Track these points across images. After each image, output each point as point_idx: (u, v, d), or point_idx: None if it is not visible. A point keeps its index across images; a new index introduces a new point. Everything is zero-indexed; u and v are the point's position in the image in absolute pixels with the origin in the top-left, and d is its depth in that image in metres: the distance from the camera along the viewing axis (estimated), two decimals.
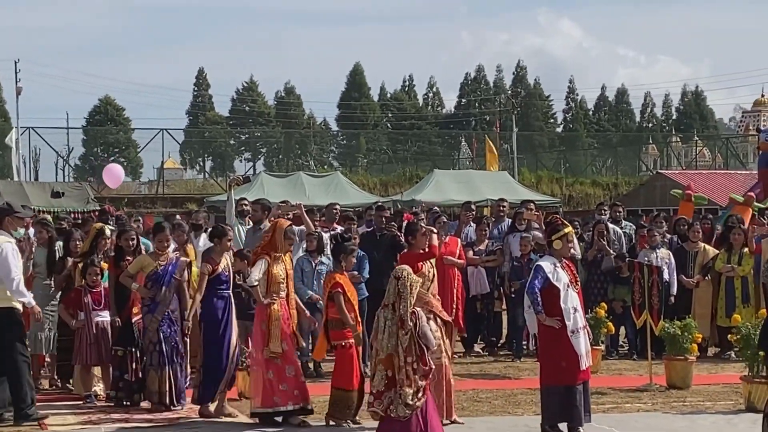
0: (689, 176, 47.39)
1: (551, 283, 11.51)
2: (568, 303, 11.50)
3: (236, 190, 27.12)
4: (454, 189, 40.35)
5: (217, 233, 13.46)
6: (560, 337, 11.43)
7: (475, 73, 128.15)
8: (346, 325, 12.47)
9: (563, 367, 11.42)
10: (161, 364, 13.13)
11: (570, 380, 11.43)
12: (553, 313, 11.47)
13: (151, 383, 13.20)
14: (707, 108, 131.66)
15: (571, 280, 11.65)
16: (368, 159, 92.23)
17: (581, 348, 11.47)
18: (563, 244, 11.74)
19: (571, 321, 11.46)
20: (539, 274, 11.58)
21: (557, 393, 11.50)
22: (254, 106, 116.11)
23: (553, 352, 11.51)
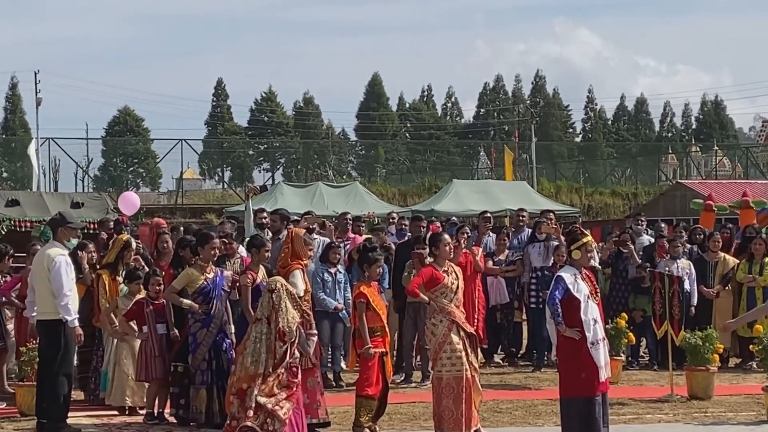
0: (709, 186, 47.24)
1: (572, 294, 11.43)
2: (588, 314, 11.42)
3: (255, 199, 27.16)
4: (472, 199, 40.26)
5: (256, 244, 13.37)
6: (580, 349, 11.36)
7: (493, 82, 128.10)
8: (371, 334, 12.45)
9: (583, 378, 11.34)
10: (212, 382, 12.80)
11: (589, 392, 11.35)
12: (573, 324, 11.40)
13: (200, 402, 12.84)
14: (727, 117, 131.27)
15: (591, 292, 11.58)
16: (387, 169, 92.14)
17: (601, 360, 11.39)
18: (582, 254, 11.65)
19: (591, 332, 11.38)
20: (560, 284, 11.49)
21: (576, 404, 11.43)
22: (273, 116, 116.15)
23: (573, 363, 11.44)
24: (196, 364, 12.89)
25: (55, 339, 12.66)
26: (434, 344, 12.27)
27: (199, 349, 12.90)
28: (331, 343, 16.40)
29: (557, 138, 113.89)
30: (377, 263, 12.99)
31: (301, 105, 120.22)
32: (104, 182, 69.35)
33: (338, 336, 16.44)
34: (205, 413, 12.81)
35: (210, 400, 12.82)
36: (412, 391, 15.88)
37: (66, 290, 12.56)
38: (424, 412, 13.83)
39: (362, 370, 12.59)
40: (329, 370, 16.25)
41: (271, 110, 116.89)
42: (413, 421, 13.47)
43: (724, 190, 46.54)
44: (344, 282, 16.52)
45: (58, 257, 12.66)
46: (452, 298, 12.35)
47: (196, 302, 12.92)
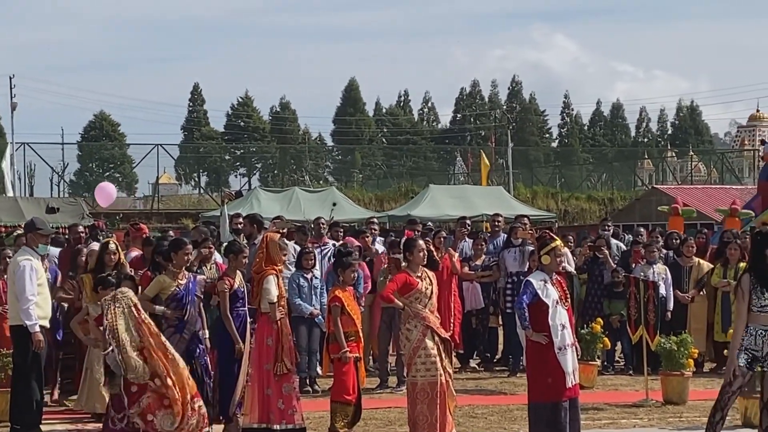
0: (684, 191, 47.42)
1: (540, 299, 11.42)
2: (557, 320, 11.41)
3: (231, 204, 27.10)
4: (449, 204, 40.29)
5: (234, 250, 13.34)
6: (547, 354, 11.36)
7: (470, 88, 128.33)
8: (345, 339, 12.45)
9: (549, 383, 11.34)
10: None
11: (556, 397, 11.34)
12: (540, 329, 11.39)
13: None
14: (702, 123, 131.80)
15: (560, 297, 11.56)
16: (363, 174, 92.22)
17: (568, 365, 11.40)
18: (552, 258, 11.63)
19: (558, 338, 11.37)
20: (528, 289, 11.48)
21: (543, 410, 11.42)
22: (249, 121, 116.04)
23: (540, 368, 11.44)
24: None
25: (24, 344, 12.64)
26: (409, 349, 12.27)
27: None
28: (308, 348, 16.40)
29: (533, 143, 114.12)
30: (352, 268, 13.00)
31: (278, 110, 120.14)
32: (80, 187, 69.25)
33: (315, 341, 16.44)
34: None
35: None
36: (387, 397, 15.88)
37: (28, 295, 12.55)
38: (399, 417, 13.82)
39: (337, 375, 12.58)
40: (306, 376, 16.23)
41: (247, 115, 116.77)
42: (388, 427, 13.47)
43: (699, 195, 46.75)
44: (320, 287, 16.52)
45: (23, 262, 12.68)
46: (426, 304, 12.34)
47: (170, 308, 12.87)
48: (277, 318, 12.47)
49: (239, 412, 12.77)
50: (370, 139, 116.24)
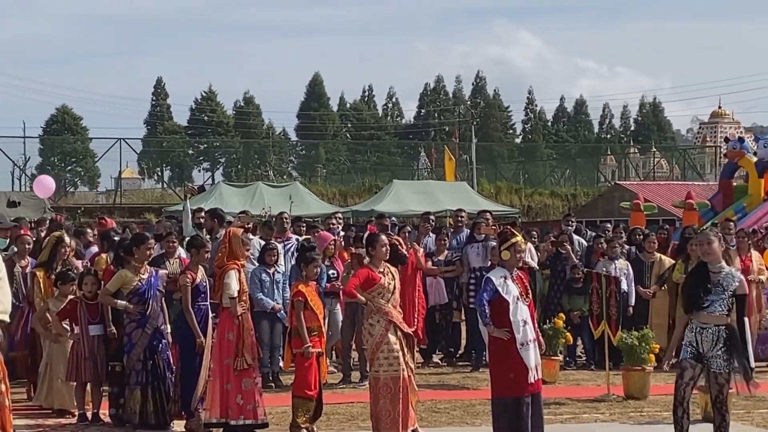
0: (647, 187, 47.60)
1: (500, 295, 11.43)
2: (518, 316, 11.42)
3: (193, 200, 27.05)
4: (413, 199, 40.28)
5: (196, 244, 13.29)
6: (509, 350, 11.38)
7: (434, 83, 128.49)
8: (309, 334, 12.43)
9: (512, 378, 11.36)
10: (146, 382, 12.73)
11: (518, 392, 11.36)
12: (502, 325, 11.39)
13: (134, 403, 12.74)
14: (665, 119, 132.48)
15: (521, 293, 11.57)
16: (327, 169, 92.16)
17: (531, 361, 11.42)
18: (512, 254, 11.62)
19: (520, 334, 11.38)
20: (488, 286, 11.49)
21: (505, 404, 11.44)
22: (213, 115, 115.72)
23: (502, 364, 11.47)
24: (131, 365, 12.82)
25: None
26: (371, 344, 12.28)
27: (134, 349, 12.83)
28: (271, 343, 16.38)
29: (497, 139, 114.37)
30: (314, 263, 12.97)
31: (242, 105, 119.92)
32: None
33: (277, 336, 16.42)
34: (139, 414, 12.73)
35: (144, 401, 12.74)
36: (350, 392, 15.87)
37: None
38: (362, 412, 13.82)
39: (299, 370, 12.56)
40: (268, 371, 16.21)
41: (211, 110, 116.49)
42: (351, 422, 13.47)
43: (661, 191, 46.94)
44: (282, 282, 16.51)
45: None
46: (389, 299, 12.35)
47: (131, 303, 12.83)
48: (238, 313, 12.44)
49: (201, 407, 12.73)
50: (334, 134, 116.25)
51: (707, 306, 10.89)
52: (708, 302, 10.90)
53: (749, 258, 18.68)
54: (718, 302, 10.88)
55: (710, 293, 10.90)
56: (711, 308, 10.90)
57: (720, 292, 10.88)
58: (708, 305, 10.90)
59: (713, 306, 10.89)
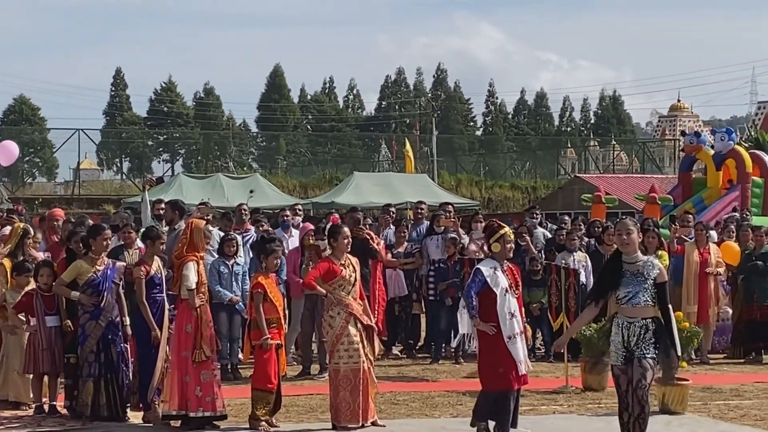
0: (606, 180, 47.84)
1: (489, 287, 11.36)
2: (505, 308, 11.34)
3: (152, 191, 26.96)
4: (373, 191, 40.35)
5: (151, 236, 13.23)
6: (496, 343, 11.31)
7: (395, 75, 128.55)
8: (267, 325, 12.40)
9: (500, 372, 11.30)
10: (100, 374, 12.65)
11: (506, 386, 11.33)
12: (489, 317, 11.32)
13: (86, 395, 12.66)
14: (625, 112, 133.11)
15: (510, 285, 11.49)
16: (288, 161, 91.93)
17: (518, 354, 11.36)
18: (501, 246, 11.57)
19: (506, 326, 11.31)
20: (477, 277, 11.41)
21: (492, 398, 11.41)
22: (173, 106, 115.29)
23: (490, 357, 11.39)
24: (84, 356, 12.75)
25: None
26: (332, 336, 12.30)
27: (87, 341, 12.75)
28: (230, 335, 16.34)
29: (458, 131, 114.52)
30: (274, 254, 12.93)
31: (202, 96, 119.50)
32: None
33: (236, 328, 16.38)
34: (91, 406, 12.66)
35: (97, 393, 12.67)
36: (309, 384, 15.86)
37: None
38: (321, 404, 13.81)
39: (258, 362, 12.53)
40: (227, 363, 16.17)
41: (171, 100, 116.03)
42: (310, 414, 13.46)
43: (621, 184, 47.18)
44: (242, 274, 16.47)
45: None
46: (350, 291, 12.38)
47: (86, 294, 12.76)
48: (196, 305, 12.39)
49: (158, 399, 12.69)
50: (294, 126, 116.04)
51: (632, 298, 10.25)
52: (631, 294, 10.24)
53: (707, 251, 18.79)
54: (642, 293, 10.22)
55: (631, 284, 10.23)
56: (636, 300, 10.24)
57: (642, 281, 10.23)
58: (632, 297, 10.25)
59: (638, 297, 10.24)
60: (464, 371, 17.14)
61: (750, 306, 18.75)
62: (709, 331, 18.78)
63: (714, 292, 18.77)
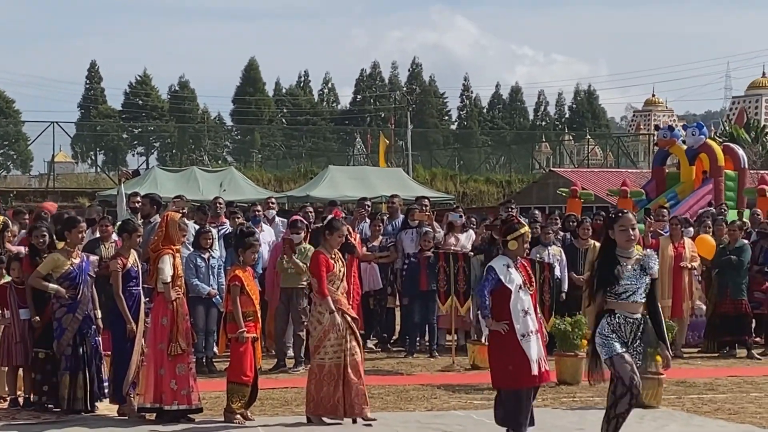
0: (581, 174, 47.92)
1: (503, 284, 11.08)
2: (518, 306, 11.07)
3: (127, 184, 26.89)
4: (348, 185, 40.34)
5: (128, 229, 13.20)
6: (508, 341, 11.01)
7: (370, 69, 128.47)
8: (243, 319, 12.39)
9: (510, 371, 10.98)
10: (76, 368, 12.63)
11: (516, 384, 11.01)
12: (502, 315, 11.02)
13: (63, 388, 12.63)
14: (599, 107, 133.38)
15: (524, 282, 11.24)
16: (263, 154, 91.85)
17: (533, 352, 11.02)
18: (519, 244, 11.28)
19: (519, 324, 11.02)
20: (490, 275, 11.10)
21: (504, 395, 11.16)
22: (147, 100, 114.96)
23: (500, 355, 11.09)
24: (61, 350, 12.71)
25: None
26: (319, 332, 12.24)
27: (64, 334, 12.71)
28: (205, 328, 16.32)
29: (433, 125, 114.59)
30: (253, 248, 12.92)
31: (177, 89, 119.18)
32: None
33: (212, 321, 16.37)
34: (68, 399, 12.65)
35: (74, 386, 12.65)
36: (283, 377, 15.85)
37: None
38: (296, 397, 13.83)
39: (234, 355, 12.53)
40: (202, 356, 16.14)
41: (145, 94, 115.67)
42: (285, 407, 13.46)
43: (595, 178, 47.28)
44: (217, 267, 16.44)
45: None
46: (339, 286, 12.41)
47: (62, 287, 12.73)
48: (172, 298, 12.37)
49: (133, 393, 12.68)
50: (269, 120, 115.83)
51: (632, 294, 9.77)
52: (632, 289, 9.77)
53: (682, 245, 18.86)
54: (642, 288, 9.79)
55: (631, 279, 9.75)
56: (635, 296, 9.79)
57: (643, 275, 9.79)
58: (633, 293, 9.78)
59: (638, 293, 9.80)
60: (439, 365, 17.18)
61: (723, 300, 18.82)
62: (683, 325, 18.87)
63: (688, 287, 18.86)
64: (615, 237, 9.90)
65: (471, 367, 16.74)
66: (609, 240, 10.00)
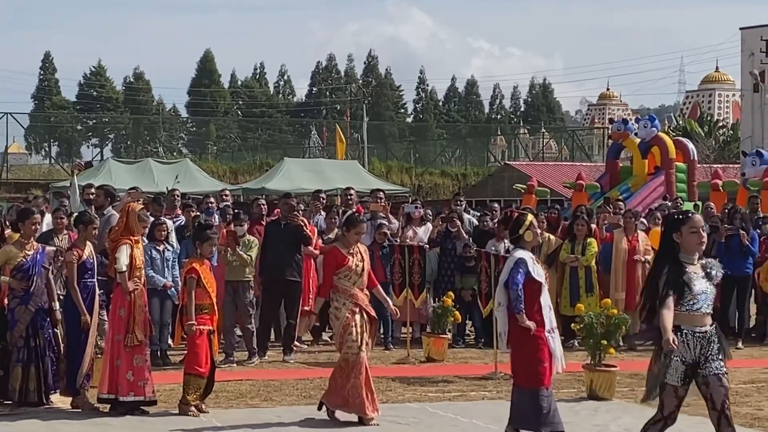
0: (536, 168, 48.14)
1: (532, 277, 10.75)
2: (546, 300, 10.88)
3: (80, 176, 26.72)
4: (304, 177, 40.35)
5: (84, 220, 13.12)
6: (535, 337, 10.65)
7: (326, 61, 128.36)
8: (199, 311, 12.36)
9: (539, 369, 10.64)
10: (29, 360, 12.51)
11: (538, 383, 10.66)
12: (531, 310, 10.67)
13: (14, 380, 12.50)
14: (554, 100, 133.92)
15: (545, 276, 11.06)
16: (218, 146, 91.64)
17: (557, 349, 10.80)
18: (533, 234, 10.99)
19: (548, 319, 10.81)
20: (521, 268, 10.69)
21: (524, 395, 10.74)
22: (102, 91, 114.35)
23: (528, 352, 10.67)
24: (14, 342, 12.61)
25: None
26: (338, 327, 11.97)
27: (16, 326, 12.61)
28: (160, 320, 16.25)
29: (389, 118, 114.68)
30: (210, 241, 12.90)
31: (132, 80, 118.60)
32: None
33: (167, 314, 16.29)
34: (19, 391, 12.54)
35: (26, 379, 12.54)
36: (239, 369, 15.82)
37: None
38: (250, 389, 13.83)
39: (190, 347, 12.50)
40: (157, 348, 16.07)
41: (100, 85, 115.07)
42: (239, 399, 13.43)
43: (550, 171, 47.51)
44: (172, 260, 16.37)
45: None
46: (356, 281, 12.08)
47: (15, 279, 12.63)
48: (129, 289, 12.33)
49: (87, 385, 12.63)
50: (225, 112, 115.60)
51: (701, 305, 8.71)
52: (701, 299, 8.70)
53: (636, 238, 18.94)
54: (710, 297, 8.75)
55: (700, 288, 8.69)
56: (705, 307, 8.73)
57: (709, 284, 8.78)
58: (702, 303, 8.71)
59: (706, 304, 8.74)
60: (394, 357, 17.19)
61: None
62: (637, 318, 18.94)
63: (642, 280, 18.93)
64: (681, 240, 8.73)
65: (426, 360, 16.77)
66: (670, 244, 8.84)
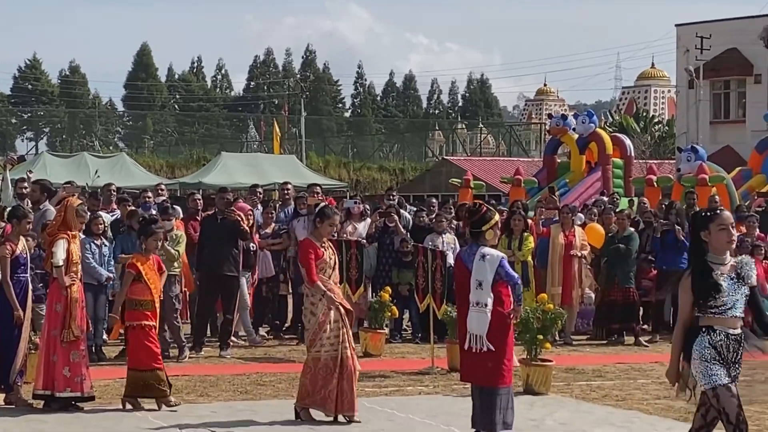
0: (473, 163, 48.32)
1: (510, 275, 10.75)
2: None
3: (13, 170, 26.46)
4: (241, 172, 40.25)
5: (17, 215, 12.98)
6: (510, 335, 10.73)
7: (264, 56, 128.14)
8: (140, 307, 12.27)
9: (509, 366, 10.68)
10: None
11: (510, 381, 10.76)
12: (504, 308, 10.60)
13: None
14: (492, 96, 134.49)
15: None
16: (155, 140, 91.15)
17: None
18: (495, 233, 10.93)
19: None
20: (506, 263, 10.64)
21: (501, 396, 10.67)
22: (37, 84, 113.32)
23: (506, 350, 10.63)
24: None
25: None
26: (314, 324, 11.77)
27: None
28: (95, 316, 16.11)
29: (327, 113, 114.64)
30: (155, 236, 12.81)
31: (67, 74, 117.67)
32: None
33: (101, 309, 16.16)
34: None
35: None
36: (173, 365, 15.70)
37: None
38: (186, 385, 13.79)
39: (133, 342, 12.43)
40: (91, 344, 15.93)
41: (35, 78, 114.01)
42: (176, 395, 13.29)
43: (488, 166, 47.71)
44: (108, 255, 16.24)
45: None
46: (330, 274, 11.97)
47: None
48: (66, 284, 12.23)
49: (20, 381, 12.50)
50: (161, 105, 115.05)
51: (731, 308, 8.23)
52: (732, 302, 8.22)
53: (572, 233, 19.04)
54: (741, 299, 8.29)
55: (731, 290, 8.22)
56: (734, 310, 8.25)
57: (742, 284, 8.27)
58: (732, 306, 8.23)
59: (737, 306, 8.27)
60: None
61: (612, 288, 19.02)
62: (573, 313, 19.06)
63: (578, 275, 19.05)
64: (710, 239, 8.27)
65: (363, 355, 16.74)
66: (698, 244, 8.37)
